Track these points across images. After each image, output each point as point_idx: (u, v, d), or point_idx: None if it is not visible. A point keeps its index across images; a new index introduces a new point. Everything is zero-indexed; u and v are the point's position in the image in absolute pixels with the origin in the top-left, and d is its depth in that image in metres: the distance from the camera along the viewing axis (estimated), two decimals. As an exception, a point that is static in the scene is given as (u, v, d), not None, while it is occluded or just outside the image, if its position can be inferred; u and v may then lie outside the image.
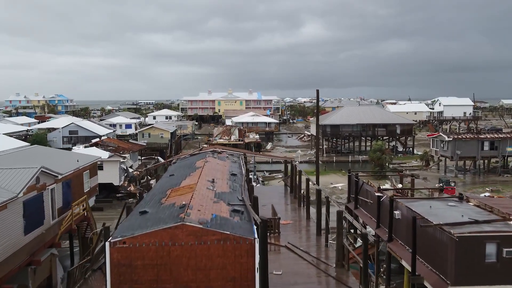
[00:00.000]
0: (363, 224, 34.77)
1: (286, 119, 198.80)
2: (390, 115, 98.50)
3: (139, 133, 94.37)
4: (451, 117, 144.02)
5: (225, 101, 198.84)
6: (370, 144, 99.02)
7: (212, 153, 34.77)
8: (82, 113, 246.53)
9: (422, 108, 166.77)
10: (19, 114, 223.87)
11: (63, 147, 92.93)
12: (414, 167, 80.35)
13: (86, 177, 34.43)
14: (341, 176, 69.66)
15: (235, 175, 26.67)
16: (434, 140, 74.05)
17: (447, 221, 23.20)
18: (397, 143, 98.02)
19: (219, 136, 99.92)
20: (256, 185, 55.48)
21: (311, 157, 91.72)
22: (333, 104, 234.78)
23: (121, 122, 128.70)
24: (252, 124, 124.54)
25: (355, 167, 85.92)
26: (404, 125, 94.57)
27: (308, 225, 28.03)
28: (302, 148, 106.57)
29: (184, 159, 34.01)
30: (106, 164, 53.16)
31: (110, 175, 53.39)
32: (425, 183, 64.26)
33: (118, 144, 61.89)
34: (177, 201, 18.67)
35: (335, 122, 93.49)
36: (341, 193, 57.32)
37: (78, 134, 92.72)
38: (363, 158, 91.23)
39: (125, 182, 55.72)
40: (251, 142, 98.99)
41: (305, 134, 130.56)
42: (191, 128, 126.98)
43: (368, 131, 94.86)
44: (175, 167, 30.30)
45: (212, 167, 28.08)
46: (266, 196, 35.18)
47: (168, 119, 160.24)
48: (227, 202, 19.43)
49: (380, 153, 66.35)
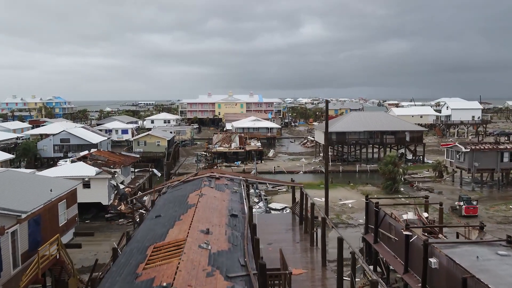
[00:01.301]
0: (386, 263, 29.85)
1: (288, 122, 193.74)
2: (398, 121, 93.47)
3: (134, 141, 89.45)
4: (459, 121, 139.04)
5: (225, 104, 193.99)
6: (378, 152, 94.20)
7: (208, 179, 29.86)
8: (80, 115, 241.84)
9: (428, 111, 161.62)
10: (15, 118, 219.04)
11: (54, 156, 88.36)
12: (426, 178, 75.41)
13: (62, 208, 29.57)
14: (350, 190, 64.73)
15: (235, 216, 21.77)
16: (449, 151, 69.09)
17: (506, 282, 18.31)
18: (406, 151, 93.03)
19: (219, 144, 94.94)
20: (258, 209, 50.54)
21: (316, 166, 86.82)
22: (336, 107, 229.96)
23: (117, 127, 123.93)
24: (253, 130, 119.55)
25: (363, 177, 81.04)
26: (413, 132, 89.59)
27: (325, 276, 23.04)
28: (306, 156, 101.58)
29: (176, 188, 29.10)
30: (94, 181, 48.32)
31: (98, 194, 48.53)
32: (442, 198, 59.32)
33: (108, 157, 56.96)
34: (157, 277, 13.74)
35: (341, 129, 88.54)
36: (351, 212, 52.35)
37: (70, 143, 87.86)
38: (371, 167, 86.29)
39: (115, 201, 50.82)
40: (252, 149, 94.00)
41: (308, 139, 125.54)
42: (189, 134, 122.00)
43: (375, 138, 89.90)
44: (163, 202, 25.38)
45: (207, 204, 23.17)
46: (271, 230, 30.21)
47: (166, 123, 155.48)
48: (224, 274, 14.52)
49: (392, 165, 61.35)
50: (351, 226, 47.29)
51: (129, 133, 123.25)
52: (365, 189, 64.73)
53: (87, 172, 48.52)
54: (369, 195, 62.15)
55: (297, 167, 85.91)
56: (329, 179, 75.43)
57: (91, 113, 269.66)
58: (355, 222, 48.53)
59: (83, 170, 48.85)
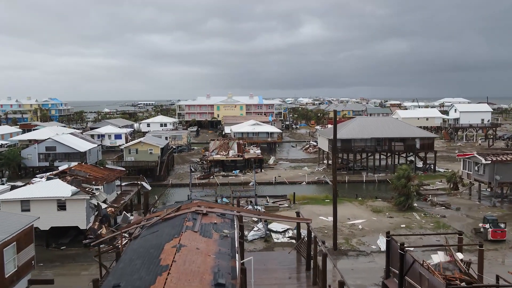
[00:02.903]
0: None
1: (289, 124, 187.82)
2: (407, 127, 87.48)
3: (125, 149, 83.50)
4: (468, 124, 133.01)
5: (225, 106, 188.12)
6: (386, 160, 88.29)
7: (193, 216, 23.99)
8: (76, 117, 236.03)
9: (434, 113, 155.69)
10: (9, 120, 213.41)
11: (40, 165, 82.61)
12: (439, 190, 69.53)
13: (10, 254, 23.74)
14: (358, 206, 58.81)
15: (222, 286, 15.88)
16: (466, 162, 63.17)
17: None
18: (416, 158, 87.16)
19: (216, 151, 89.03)
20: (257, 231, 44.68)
21: (320, 176, 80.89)
22: (338, 108, 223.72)
23: (110, 132, 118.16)
24: (253, 134, 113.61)
25: (370, 189, 75.21)
26: (424, 139, 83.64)
27: None
28: (309, 163, 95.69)
29: (151, 230, 23.20)
30: (70, 203, 42.51)
31: (75, 217, 42.71)
32: (461, 217, 53.44)
33: (90, 172, 51.08)
34: None
35: (347, 136, 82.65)
36: (362, 235, 46.39)
37: (56, 151, 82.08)
38: (379, 177, 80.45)
39: (95, 223, 44.97)
40: (251, 157, 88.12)
41: (310, 144, 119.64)
42: (186, 139, 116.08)
43: (383, 145, 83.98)
44: (129, 257, 19.44)
45: (186, 264, 17.34)
46: (271, 278, 24.36)
47: (163, 127, 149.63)
48: None
49: (405, 180, 55.41)
50: (362, 254, 41.39)
51: (123, 138, 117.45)
52: (375, 205, 58.83)
53: (62, 192, 42.74)
54: (380, 212, 56.55)
55: (300, 177, 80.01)
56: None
57: (88, 115, 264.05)
58: (367, 248, 42.63)
59: (58, 190, 43.08)
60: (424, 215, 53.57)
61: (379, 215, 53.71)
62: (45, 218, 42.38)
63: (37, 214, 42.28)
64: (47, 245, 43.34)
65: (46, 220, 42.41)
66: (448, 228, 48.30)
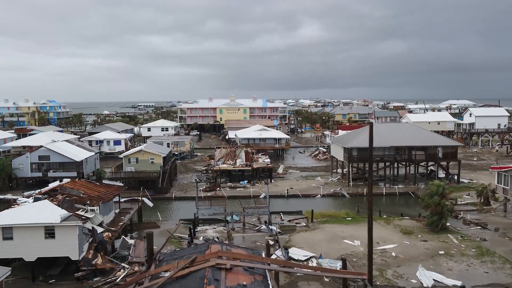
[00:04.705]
0: None
1: (294, 128, 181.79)
2: (428, 134, 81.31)
3: (125, 158, 77.34)
4: (483, 129, 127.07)
5: (228, 109, 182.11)
6: (405, 170, 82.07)
7: (214, 273, 17.91)
8: (74, 120, 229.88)
9: (446, 117, 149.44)
10: (5, 124, 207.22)
11: (32, 175, 76.58)
12: (469, 205, 63.45)
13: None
14: (385, 225, 52.70)
15: None
16: (501, 175, 57.12)
17: None
18: (437, 168, 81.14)
19: (222, 160, 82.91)
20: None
21: (335, 188, 74.75)
22: (343, 111, 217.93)
23: (109, 138, 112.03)
24: (260, 141, 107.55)
25: (391, 202, 69.20)
26: (447, 147, 77.56)
27: None
28: (321, 172, 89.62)
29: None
30: (60, 230, 36.45)
31: (66, 246, 36.64)
32: (503, 240, 47.33)
33: (85, 189, 44.97)
34: None
35: (364, 144, 76.44)
36: (397, 264, 40.14)
37: (50, 160, 75.98)
38: (399, 188, 74.41)
39: (89, 252, 38.88)
40: (260, 167, 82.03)
41: (320, 150, 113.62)
42: (189, 145, 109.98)
43: (402, 155, 77.90)
44: None
45: None
46: None
47: (164, 131, 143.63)
48: None
49: (439, 197, 49.32)
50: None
51: (122, 144, 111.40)
52: (403, 224, 52.73)
53: (50, 216, 36.71)
54: (411, 234, 50.30)
55: (313, 189, 73.91)
56: (354, 207, 63.79)
57: (86, 117, 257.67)
58: (406, 283, 36.46)
59: (46, 214, 37.04)
60: (461, 238, 47.46)
61: (411, 238, 47.60)
62: (30, 247, 36.60)
63: (21, 242, 36.57)
64: (33, 278, 37.23)
65: (31, 249, 36.62)
66: (494, 255, 42.23)
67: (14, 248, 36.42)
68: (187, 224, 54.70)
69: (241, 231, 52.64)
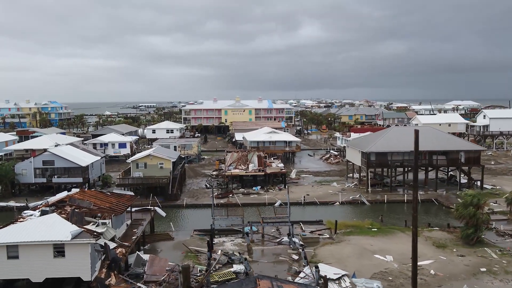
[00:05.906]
0: None
1: (301, 129, 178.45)
2: (450, 138, 77.95)
3: (132, 163, 73.86)
4: (498, 131, 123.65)
5: (233, 110, 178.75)
6: (425, 175, 78.56)
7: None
8: (76, 121, 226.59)
9: (457, 119, 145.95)
10: (6, 125, 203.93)
11: (36, 181, 73.22)
12: (497, 213, 60.00)
13: None
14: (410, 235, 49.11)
15: None
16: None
17: None
18: (458, 173, 77.70)
19: (234, 165, 79.45)
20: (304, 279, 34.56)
21: (353, 194, 71.30)
22: (349, 112, 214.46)
23: (114, 140, 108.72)
24: (269, 144, 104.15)
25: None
26: (470, 152, 74.14)
27: None
28: (335, 177, 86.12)
29: None
30: (70, 248, 33.05)
31: (76, 266, 33.23)
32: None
33: (95, 201, 41.54)
34: None
35: (382, 148, 73.22)
36: (437, 284, 36.67)
37: (55, 165, 72.57)
38: (421, 195, 70.85)
39: (102, 271, 35.48)
40: (273, 172, 78.60)
41: (331, 154, 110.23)
42: (196, 148, 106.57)
43: (422, 159, 74.45)
44: None
45: None
46: None
47: (169, 133, 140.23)
48: None
49: (474, 208, 45.94)
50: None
51: (127, 147, 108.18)
52: (434, 236, 49.32)
53: (60, 233, 33.34)
54: (445, 248, 46.84)
55: (331, 196, 70.50)
56: (377, 215, 60.11)
57: (88, 118, 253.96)
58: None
59: (55, 231, 33.65)
60: (500, 253, 44.04)
61: (446, 252, 44.19)
62: (38, 267, 33.21)
63: (27, 262, 33.17)
64: (41, 300, 33.83)
65: (39, 269, 33.22)
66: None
67: (19, 268, 33.04)
68: (202, 235, 51.39)
69: (260, 243, 49.20)
